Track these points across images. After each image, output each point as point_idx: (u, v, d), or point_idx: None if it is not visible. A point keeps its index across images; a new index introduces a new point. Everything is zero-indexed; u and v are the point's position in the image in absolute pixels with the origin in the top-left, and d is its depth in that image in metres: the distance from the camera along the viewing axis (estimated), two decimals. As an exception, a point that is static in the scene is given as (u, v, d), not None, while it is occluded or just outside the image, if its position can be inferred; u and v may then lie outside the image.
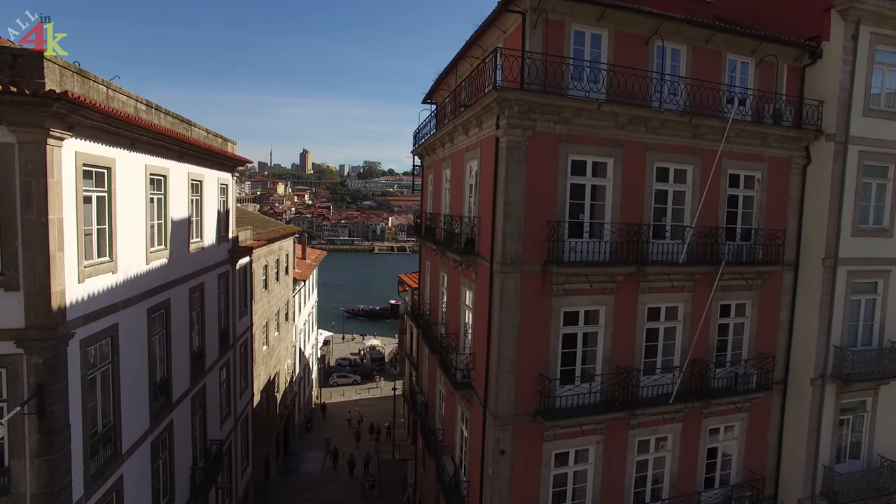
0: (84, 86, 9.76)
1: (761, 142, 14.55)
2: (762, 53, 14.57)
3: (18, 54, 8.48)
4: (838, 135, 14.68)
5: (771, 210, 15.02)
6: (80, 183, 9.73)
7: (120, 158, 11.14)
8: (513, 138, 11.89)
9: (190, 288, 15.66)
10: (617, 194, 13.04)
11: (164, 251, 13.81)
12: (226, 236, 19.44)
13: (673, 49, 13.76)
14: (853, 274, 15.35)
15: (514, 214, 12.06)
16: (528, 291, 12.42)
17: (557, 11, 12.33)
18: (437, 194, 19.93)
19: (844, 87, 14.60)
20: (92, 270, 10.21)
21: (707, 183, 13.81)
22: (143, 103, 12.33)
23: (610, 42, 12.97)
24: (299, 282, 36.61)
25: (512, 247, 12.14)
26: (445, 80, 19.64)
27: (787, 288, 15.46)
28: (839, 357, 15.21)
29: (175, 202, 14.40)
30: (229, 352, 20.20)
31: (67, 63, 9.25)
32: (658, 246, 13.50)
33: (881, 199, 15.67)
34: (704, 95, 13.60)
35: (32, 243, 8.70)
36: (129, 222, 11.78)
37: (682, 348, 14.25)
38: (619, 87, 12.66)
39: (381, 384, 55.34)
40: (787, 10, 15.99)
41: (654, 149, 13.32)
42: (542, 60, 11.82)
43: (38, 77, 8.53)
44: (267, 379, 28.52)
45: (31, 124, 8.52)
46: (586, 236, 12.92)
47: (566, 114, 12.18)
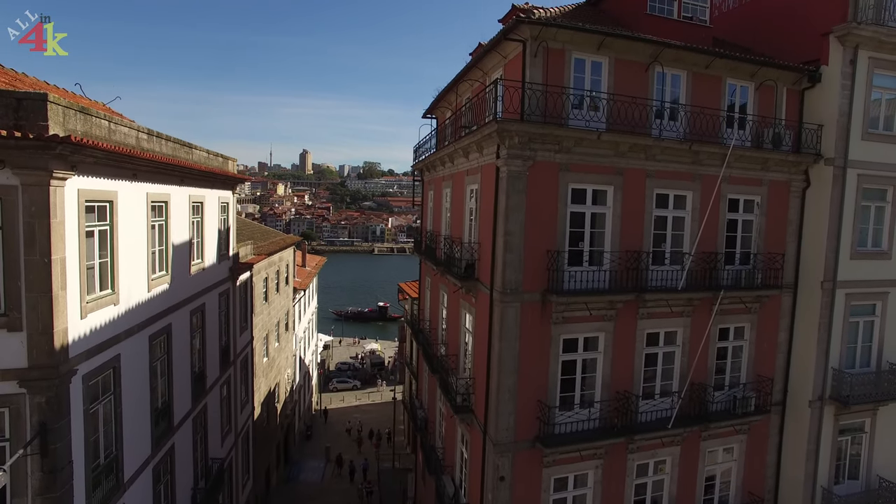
0: (86, 122, 9.81)
1: (761, 166, 14.61)
2: (761, 78, 14.62)
3: (22, 98, 8.52)
4: (837, 159, 14.74)
5: (770, 233, 15.08)
6: (82, 219, 9.78)
7: (122, 190, 11.19)
8: (513, 169, 11.94)
9: (191, 310, 15.71)
10: (617, 221, 13.10)
11: (166, 277, 13.86)
12: (226, 254, 19.49)
13: (673, 74, 13.81)
14: (851, 296, 15.42)
15: (514, 245, 12.12)
16: (527, 320, 12.49)
17: (558, 40, 12.38)
18: (437, 211, 19.99)
19: (843, 111, 14.66)
20: (94, 305, 10.26)
21: (707, 208, 13.88)
22: (145, 132, 12.37)
23: (610, 69, 13.03)
24: (299, 291, 36.65)
25: (512, 276, 12.20)
26: (446, 98, 19.69)
27: (786, 310, 15.53)
28: (837, 379, 15.28)
29: (176, 226, 14.45)
30: (230, 368, 20.25)
31: (70, 102, 9.29)
32: (657, 272, 13.55)
33: (880, 221, 15.74)
34: (704, 122, 13.66)
35: (35, 284, 8.75)
36: (131, 252, 11.83)
37: (680, 372, 14.31)
38: (619, 115, 12.71)
39: (382, 389, 55.40)
40: (786, 32, 16.04)
41: (653, 175, 13.37)
42: (542, 91, 11.87)
43: (42, 119, 8.57)
44: (267, 391, 28.58)
45: (35, 167, 8.57)
46: (586, 264, 12.98)
47: (567, 143, 12.23)
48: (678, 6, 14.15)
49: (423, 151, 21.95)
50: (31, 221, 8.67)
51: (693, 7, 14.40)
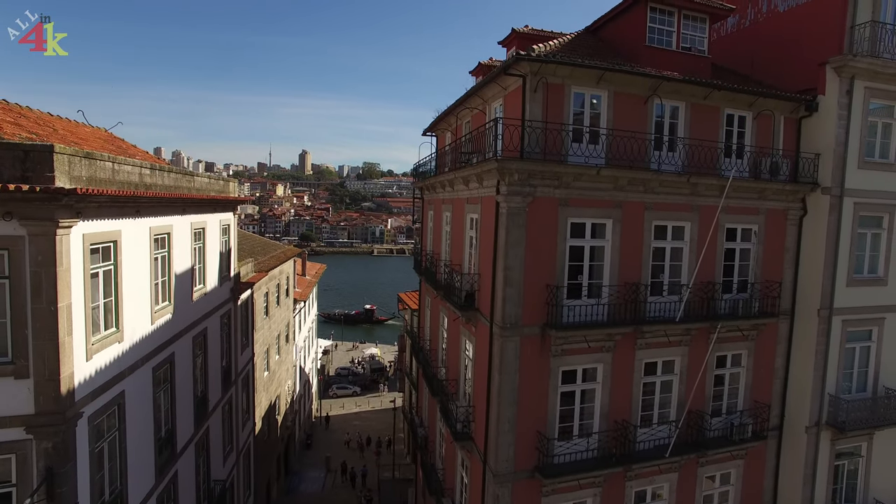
0: (91, 167, 9.92)
1: (758, 195, 14.75)
2: (759, 107, 14.75)
3: (29, 149, 8.64)
4: (834, 188, 14.88)
5: (767, 262, 15.22)
6: (87, 263, 9.90)
7: (125, 229, 11.31)
8: (513, 205, 12.07)
9: (193, 336, 15.83)
10: (615, 254, 13.23)
11: (169, 307, 13.98)
12: (228, 275, 19.61)
13: (672, 105, 13.94)
14: (848, 323, 15.56)
15: (514, 280, 12.25)
16: (527, 353, 12.63)
17: (557, 75, 12.50)
18: (437, 231, 20.11)
19: (840, 140, 14.79)
20: (99, 346, 10.38)
21: (705, 238, 14.02)
22: (147, 168, 12.48)
23: (610, 102, 13.15)
24: (300, 301, 36.77)
25: (512, 311, 12.33)
26: (445, 119, 19.81)
27: (783, 336, 15.68)
28: (834, 405, 15.42)
29: (179, 256, 14.57)
30: (231, 388, 20.38)
31: (76, 149, 9.41)
32: (655, 303, 13.68)
33: (876, 248, 15.88)
34: (703, 154, 13.79)
35: (42, 332, 8.88)
36: (135, 287, 11.96)
37: (678, 400, 14.46)
38: (618, 149, 12.85)
39: (384, 394, 55.44)
40: (783, 60, 16.17)
41: (652, 207, 13.51)
42: (542, 128, 12.00)
43: (48, 170, 8.69)
44: (268, 404, 28.71)
45: (42, 217, 8.69)
46: (585, 296, 13.11)
47: (566, 179, 12.37)
48: (677, 38, 14.25)
49: (422, 171, 22.07)
50: (38, 270, 8.80)
51: (692, 38, 14.49)
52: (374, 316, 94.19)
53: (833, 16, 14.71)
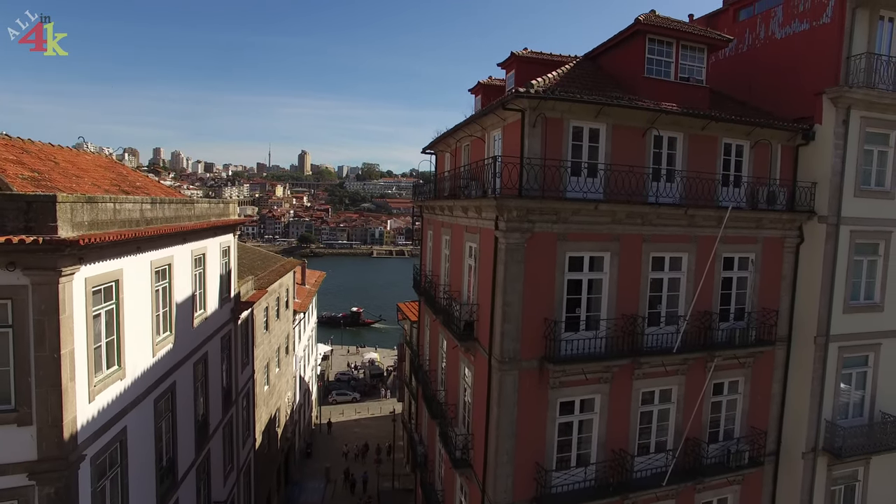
0: (93, 210, 10.00)
1: (756, 224, 14.86)
2: (757, 136, 14.87)
3: (32, 200, 8.72)
4: (830, 217, 14.98)
5: (764, 289, 15.33)
6: (89, 306, 9.99)
7: (127, 266, 11.40)
8: (512, 241, 12.17)
9: (194, 363, 15.92)
10: (613, 286, 13.34)
11: (170, 337, 14.07)
12: (228, 297, 19.70)
13: (670, 136, 14.04)
14: (844, 349, 15.68)
15: (512, 315, 12.36)
16: (525, 385, 12.73)
17: (556, 109, 12.60)
18: (436, 252, 20.20)
19: (836, 170, 14.90)
20: (101, 385, 10.48)
21: (702, 268, 14.13)
22: (148, 203, 12.56)
23: (608, 135, 13.25)
24: (300, 312, 36.84)
25: (510, 345, 12.44)
26: (444, 141, 19.90)
27: (780, 362, 15.79)
28: (830, 431, 15.55)
29: (179, 284, 14.66)
30: (232, 408, 20.48)
31: (78, 195, 9.50)
32: (653, 333, 13.77)
33: (872, 274, 15.99)
34: (700, 186, 13.89)
35: (45, 379, 8.97)
36: (137, 322, 12.05)
37: (675, 428, 14.58)
38: (616, 183, 12.94)
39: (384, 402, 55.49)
40: (781, 87, 16.27)
41: (650, 239, 13.62)
42: (540, 165, 12.09)
43: (51, 220, 8.78)
44: (268, 418, 28.80)
45: (45, 267, 8.78)
46: (583, 329, 13.22)
47: (564, 214, 12.47)
48: (675, 68, 14.34)
49: (421, 192, 22.16)
50: (41, 319, 8.89)
51: (690, 68, 14.58)
52: (360, 319, 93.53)
53: (829, 46, 14.81)
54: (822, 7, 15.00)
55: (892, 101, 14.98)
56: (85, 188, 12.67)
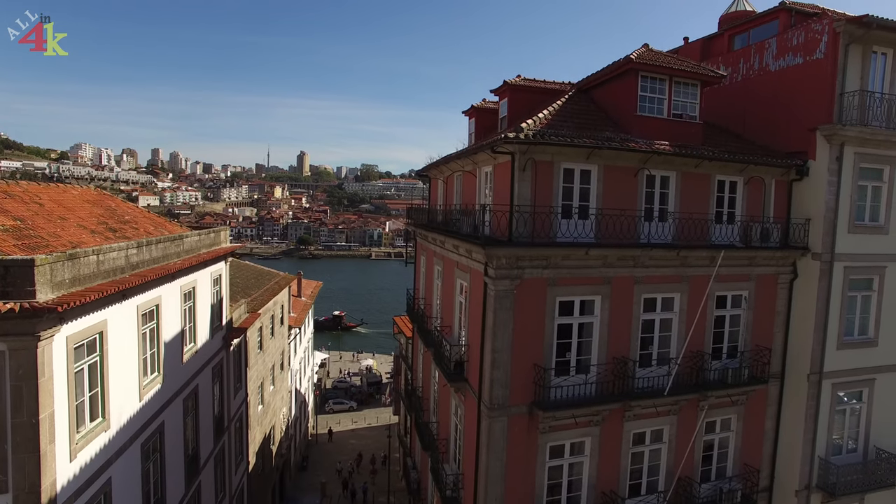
0: (74, 267, 9.87)
1: (749, 262, 14.73)
2: (751, 172, 14.74)
3: (10, 265, 8.58)
4: (824, 254, 14.86)
5: (758, 325, 15.21)
6: (71, 364, 9.85)
7: (111, 316, 11.26)
8: (501, 288, 12.04)
9: (184, 398, 15.78)
10: (604, 329, 13.21)
11: (158, 377, 13.94)
12: (220, 325, 19.55)
13: (662, 175, 13.90)
14: (838, 386, 15.57)
15: (501, 361, 12.23)
16: (514, 431, 12.61)
17: (546, 152, 12.47)
18: (429, 279, 20.06)
19: (830, 206, 14.78)
20: (84, 442, 10.34)
21: (694, 308, 14.02)
22: (134, 247, 12.41)
23: (600, 176, 13.11)
24: (295, 327, 36.69)
25: (499, 392, 12.31)
26: (437, 167, 19.76)
27: (773, 399, 15.68)
28: (824, 468, 15.44)
29: (168, 323, 14.51)
30: (224, 435, 20.34)
31: (58, 255, 9.36)
32: (644, 375, 13.65)
33: (866, 309, 15.87)
34: (693, 227, 13.76)
35: (22, 445, 8.83)
36: (122, 370, 11.90)
37: (667, 468, 14.46)
38: (608, 226, 12.81)
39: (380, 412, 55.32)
40: (775, 119, 16.13)
41: (642, 281, 13.49)
42: (530, 213, 11.95)
43: (29, 284, 8.64)
44: (263, 437, 28.65)
45: (23, 333, 8.64)
46: (573, 372, 13.09)
47: (555, 259, 12.34)
48: (668, 105, 14.19)
49: (414, 216, 22.02)
50: (19, 385, 8.75)
51: (683, 104, 14.43)
52: (342, 322, 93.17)
53: (823, 81, 14.67)
54: (816, 42, 14.87)
55: (885, 138, 14.87)
56: (70, 231, 12.53)
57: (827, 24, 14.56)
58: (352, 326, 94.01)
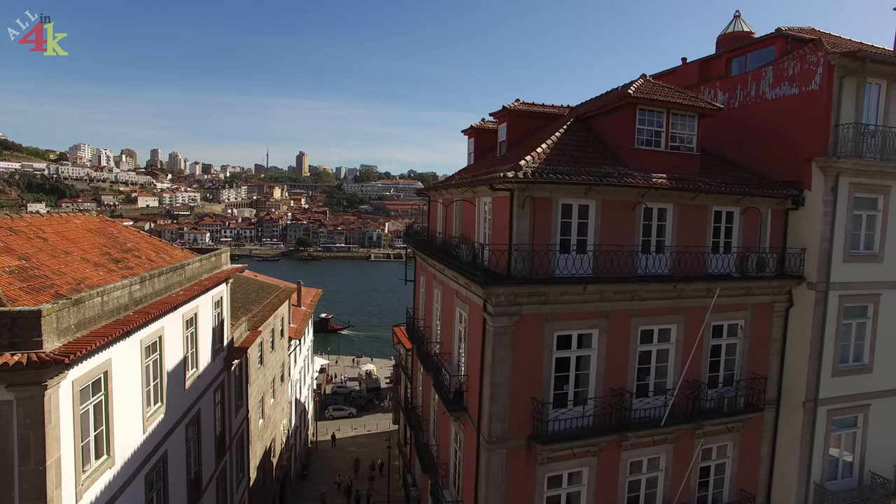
0: (80, 311, 10.02)
1: (745, 291, 14.90)
2: (747, 203, 14.92)
3: (17, 316, 8.73)
4: (819, 283, 15.03)
5: (754, 353, 15.40)
6: (77, 407, 10.00)
7: (116, 355, 11.40)
8: (500, 324, 12.20)
9: (186, 424, 15.93)
10: (601, 362, 13.39)
11: (161, 407, 14.08)
12: (221, 346, 19.69)
13: (660, 208, 14.07)
14: (833, 412, 15.75)
15: (500, 396, 12.40)
16: (513, 462, 12.79)
17: (545, 189, 12.62)
18: (428, 301, 20.22)
19: (825, 236, 14.95)
20: (90, 481, 10.49)
21: (691, 338, 14.19)
22: (137, 283, 12.56)
23: (598, 210, 13.28)
24: (295, 339, 36.83)
25: (498, 426, 12.48)
26: (438, 191, 19.92)
27: (769, 425, 15.86)
28: (819, 494, 15.62)
29: (171, 352, 14.66)
30: (226, 455, 20.49)
31: (63, 302, 9.51)
32: (641, 408, 13.81)
33: (861, 336, 16.06)
34: (690, 259, 13.94)
35: (30, 492, 8.98)
36: (126, 404, 12.05)
37: (664, 496, 14.64)
38: (605, 261, 12.98)
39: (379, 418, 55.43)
40: (772, 147, 16.28)
41: (639, 313, 13.65)
42: (528, 251, 12.11)
43: (36, 335, 8.80)
44: (263, 451, 28.82)
45: (30, 382, 8.79)
46: (570, 404, 13.26)
47: (553, 295, 12.50)
48: (666, 137, 14.34)
49: (413, 236, 22.17)
50: (26, 433, 8.90)
51: (681, 136, 14.59)
52: (329, 325, 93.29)
53: (818, 113, 14.83)
54: (811, 74, 15.03)
55: (879, 169, 15.05)
56: (74, 266, 12.68)
57: (822, 56, 14.73)
58: (338, 329, 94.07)
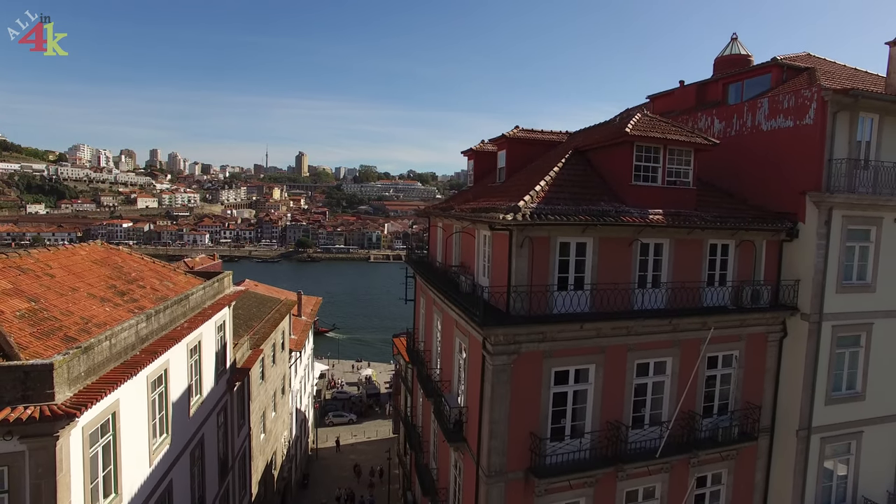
0: (89, 358, 10.26)
1: (740, 323, 15.17)
2: (742, 236, 15.18)
3: (29, 370, 8.98)
4: (813, 315, 15.30)
5: (748, 382, 15.67)
6: (87, 450, 10.26)
7: (123, 395, 11.65)
8: (499, 363, 12.47)
9: (191, 451, 16.18)
10: (598, 395, 13.66)
11: (167, 438, 14.34)
12: (224, 369, 19.93)
13: (656, 242, 14.33)
14: (827, 440, 16.04)
15: (499, 432, 12.67)
16: (511, 494, 13.08)
17: (543, 229, 12.88)
18: (428, 326, 20.48)
19: (819, 269, 15.21)
20: (98, 522, 10.75)
21: (686, 370, 14.46)
22: (143, 320, 12.81)
23: (595, 248, 13.54)
24: (296, 351, 37.07)
25: (497, 460, 12.76)
26: (434, 218, 20.17)
27: (763, 452, 16.15)
28: (812, 521, 15.94)
29: (175, 383, 14.90)
30: (228, 475, 20.75)
31: (75, 350, 9.76)
32: (637, 440, 14.07)
33: (854, 365, 16.34)
34: (686, 294, 14.21)
35: (43, 539, 9.23)
36: (133, 441, 12.30)
37: (660, 524, 14.93)
38: (602, 298, 13.25)
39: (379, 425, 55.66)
40: (767, 178, 16.50)
41: (635, 348, 13.92)
42: (527, 292, 12.38)
43: (48, 387, 9.05)
44: (265, 465, 29.08)
45: (42, 434, 9.04)
46: (567, 437, 13.53)
47: (551, 333, 12.76)
48: (662, 173, 14.56)
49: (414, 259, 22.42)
50: (38, 483, 9.15)
51: (677, 171, 14.81)
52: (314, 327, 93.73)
53: (812, 147, 15.08)
54: (805, 108, 15.28)
55: (872, 202, 15.31)
56: (81, 304, 12.93)
57: (816, 91, 14.98)
58: (324, 331, 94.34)
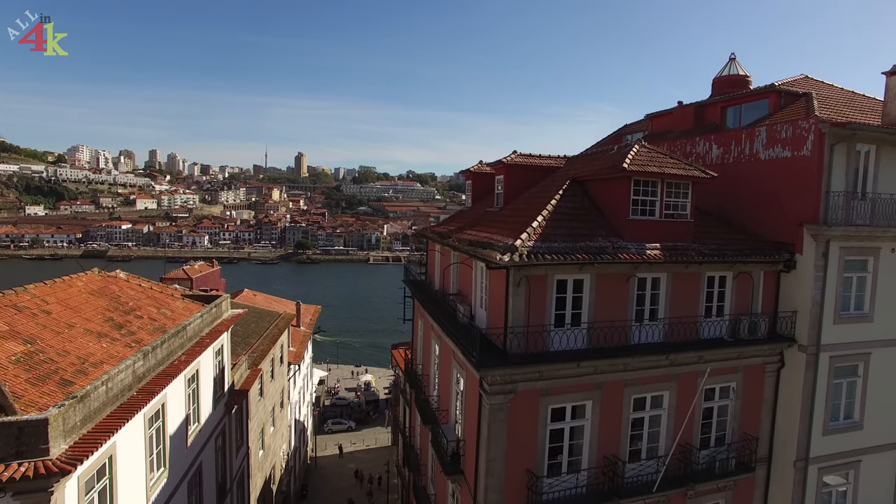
0: (85, 406, 10.24)
1: (737, 355, 15.18)
2: (740, 268, 15.17)
3: (23, 426, 8.95)
4: (810, 347, 15.31)
5: (745, 414, 15.69)
6: (82, 499, 10.23)
7: (119, 437, 11.61)
8: (496, 402, 12.47)
9: (189, 480, 16.16)
10: (595, 431, 13.67)
11: (164, 472, 14.31)
12: (222, 393, 19.90)
13: (653, 277, 14.33)
14: (825, 470, 16.06)
15: (495, 470, 12.68)
16: (509, 532, 13.08)
17: (540, 266, 12.86)
18: (426, 351, 20.48)
19: (816, 301, 15.21)
20: (95, 568, 10.73)
21: (683, 403, 14.49)
22: (140, 359, 12.77)
23: (592, 284, 13.53)
24: (295, 363, 37.05)
25: (494, 497, 12.78)
26: (431, 245, 20.16)
27: (761, 481, 16.17)
28: (809, 551, 15.95)
29: (173, 415, 14.87)
30: (226, 498, 20.74)
31: (71, 401, 9.73)
32: (633, 475, 14.08)
33: (851, 394, 16.35)
34: (683, 328, 14.21)
35: (39, 592, 9.21)
36: (130, 480, 12.27)
37: (657, 556, 14.93)
38: (599, 334, 13.25)
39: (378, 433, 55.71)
40: (765, 208, 16.50)
41: (632, 383, 13.93)
42: (524, 332, 12.37)
43: (43, 442, 9.02)
44: (263, 481, 29.07)
45: (37, 489, 9.01)
46: (565, 471, 13.54)
47: (548, 372, 12.76)
48: (660, 206, 14.54)
49: (412, 278, 22.41)
50: (34, 537, 9.12)
51: (675, 204, 14.80)
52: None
53: (809, 180, 15.07)
54: (803, 140, 15.27)
55: (869, 234, 15.31)
56: (78, 342, 12.90)
57: (813, 123, 14.96)
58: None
